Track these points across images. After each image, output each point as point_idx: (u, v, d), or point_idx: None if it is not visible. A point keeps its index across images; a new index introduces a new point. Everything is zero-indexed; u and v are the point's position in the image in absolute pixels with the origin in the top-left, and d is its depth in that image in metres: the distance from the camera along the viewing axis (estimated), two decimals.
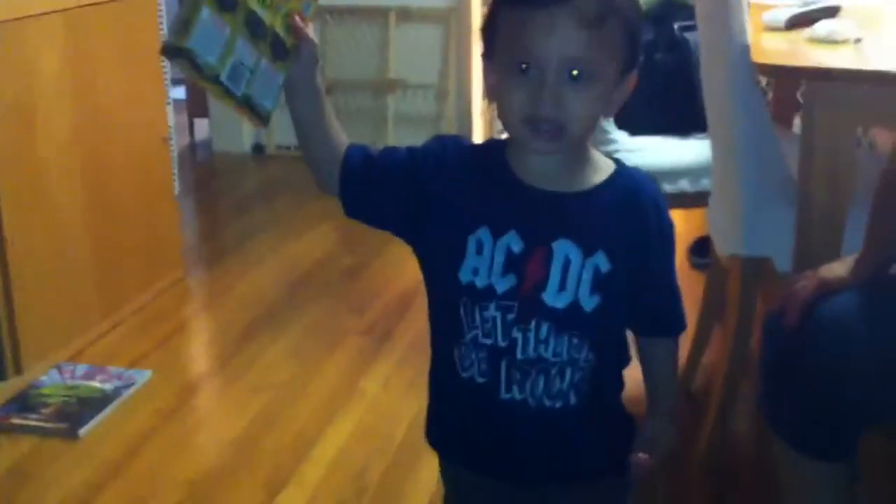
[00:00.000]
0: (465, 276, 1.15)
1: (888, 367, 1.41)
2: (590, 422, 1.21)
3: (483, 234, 1.15)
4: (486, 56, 1.16)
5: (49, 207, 2.59)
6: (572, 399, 1.18)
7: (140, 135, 2.96)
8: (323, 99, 1.18)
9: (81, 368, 2.57)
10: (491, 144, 1.22)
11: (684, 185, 2.48)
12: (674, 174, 2.48)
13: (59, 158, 2.61)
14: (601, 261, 1.15)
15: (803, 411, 1.49)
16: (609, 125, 2.54)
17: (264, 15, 1.11)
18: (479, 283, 1.15)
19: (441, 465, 1.32)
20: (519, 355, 1.15)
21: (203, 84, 1.07)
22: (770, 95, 2.77)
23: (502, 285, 1.14)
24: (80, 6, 2.63)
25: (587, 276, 1.14)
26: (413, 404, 2.39)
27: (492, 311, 1.15)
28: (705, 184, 2.41)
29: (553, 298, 1.14)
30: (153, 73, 3.04)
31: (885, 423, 1.65)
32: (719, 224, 2.18)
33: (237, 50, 1.07)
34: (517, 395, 1.17)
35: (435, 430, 1.29)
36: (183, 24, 1.03)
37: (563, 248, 1.14)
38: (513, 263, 1.14)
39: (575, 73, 1.08)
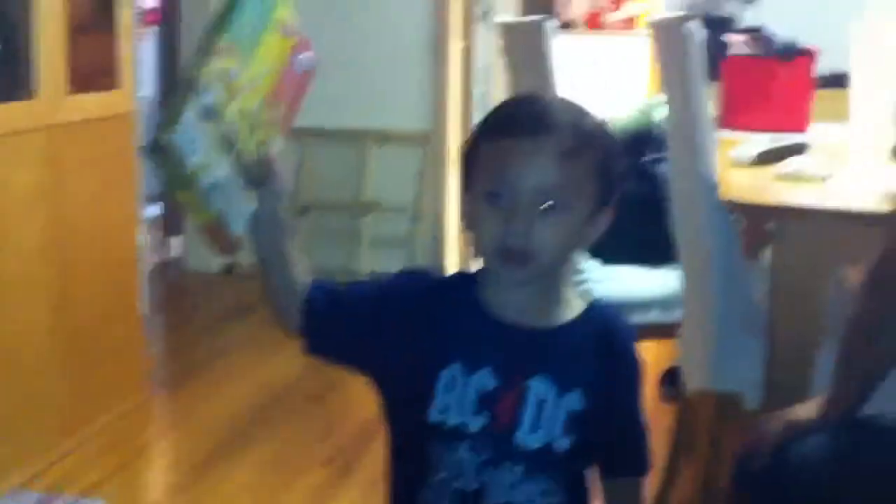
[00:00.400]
0: (434, 414, 1.12)
1: None
2: None
3: (455, 370, 1.12)
4: (464, 186, 1.16)
5: (11, 323, 2.54)
6: None
7: (109, 254, 2.94)
8: (287, 234, 1.17)
9: (32, 497, 2.47)
10: (461, 277, 1.21)
11: (655, 316, 2.47)
12: (644, 305, 2.46)
13: (27, 274, 2.58)
14: (575, 400, 1.13)
15: None
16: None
17: (240, 136, 1.10)
18: (450, 421, 1.12)
19: None
20: (489, 500, 1.12)
21: (179, 194, 1.06)
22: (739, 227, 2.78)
23: (474, 424, 1.12)
24: (58, 124, 2.63)
25: (561, 415, 1.13)
26: None
27: (462, 451, 1.12)
28: (676, 315, 2.40)
29: (526, 438, 1.12)
30: (126, 193, 3.04)
31: None
32: (689, 358, 2.16)
33: (214, 162, 1.07)
34: None
35: None
36: (170, 122, 1.03)
37: (538, 386, 1.12)
38: (486, 401, 1.12)
39: (547, 204, 1.09)
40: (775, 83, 2.58)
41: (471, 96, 4.67)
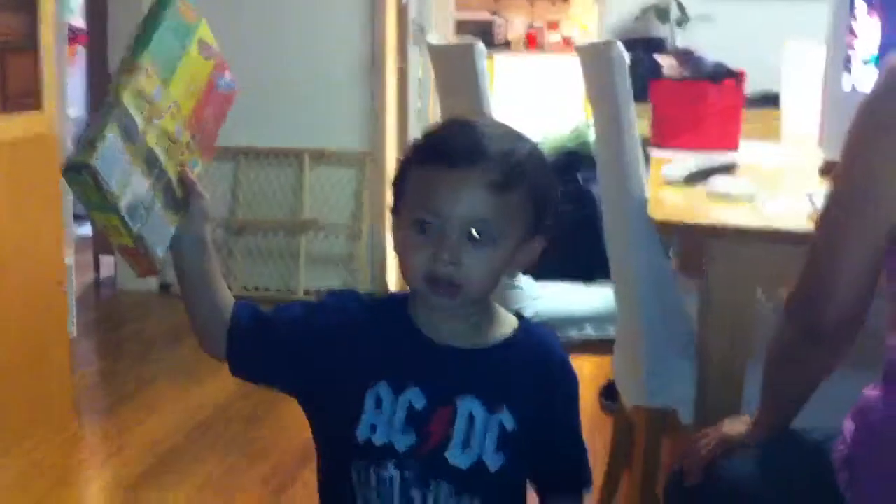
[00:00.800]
0: (362, 433, 1.12)
1: None
2: None
3: (382, 389, 1.12)
4: (394, 212, 1.15)
5: None
6: None
7: (37, 276, 2.87)
8: (211, 256, 1.16)
9: None
10: (393, 297, 1.20)
11: (590, 331, 2.49)
12: (579, 321, 2.48)
13: None
14: (506, 418, 1.13)
15: None
16: None
17: (161, 158, 1.09)
18: (378, 440, 1.11)
19: None
20: None
21: (98, 215, 1.05)
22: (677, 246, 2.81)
23: (402, 443, 1.11)
24: None
25: (492, 433, 1.12)
26: None
27: (390, 470, 1.11)
28: (611, 330, 2.42)
29: (456, 457, 1.11)
30: (52, 214, 2.98)
31: None
32: (623, 373, 2.17)
33: (134, 184, 1.05)
34: None
35: None
36: (90, 143, 1.02)
37: (468, 406, 1.12)
38: (414, 420, 1.11)
39: (476, 234, 1.08)
40: (706, 104, 2.63)
41: (408, 114, 4.68)
